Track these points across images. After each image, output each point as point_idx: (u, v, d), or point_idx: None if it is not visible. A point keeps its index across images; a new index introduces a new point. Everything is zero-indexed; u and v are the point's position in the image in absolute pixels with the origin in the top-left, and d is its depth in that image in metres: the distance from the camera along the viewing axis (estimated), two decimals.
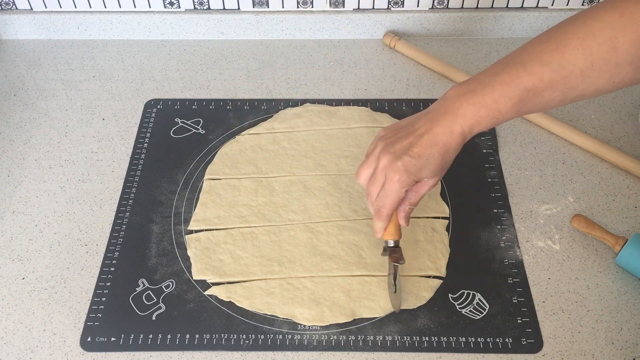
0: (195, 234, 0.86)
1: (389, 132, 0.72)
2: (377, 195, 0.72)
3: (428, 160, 0.68)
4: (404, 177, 0.68)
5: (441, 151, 0.68)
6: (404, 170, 0.68)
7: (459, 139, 0.68)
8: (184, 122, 1.01)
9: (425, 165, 0.68)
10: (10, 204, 0.91)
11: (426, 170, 0.69)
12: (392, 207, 0.71)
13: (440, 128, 0.68)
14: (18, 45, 1.15)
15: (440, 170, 0.70)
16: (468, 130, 0.68)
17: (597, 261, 0.83)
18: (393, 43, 1.12)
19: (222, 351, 0.76)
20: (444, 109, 0.69)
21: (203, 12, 1.13)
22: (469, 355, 0.75)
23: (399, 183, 0.69)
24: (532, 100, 0.66)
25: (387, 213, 0.72)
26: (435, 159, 0.68)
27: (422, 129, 0.69)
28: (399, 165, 0.68)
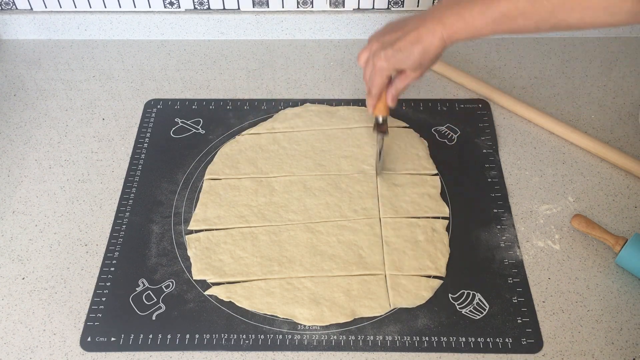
0: (195, 234, 0.86)
1: (387, 27, 0.82)
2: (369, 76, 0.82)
3: (407, 55, 0.77)
4: (384, 64, 0.79)
5: (421, 49, 0.76)
6: (385, 59, 0.78)
7: (439, 42, 0.75)
8: (184, 122, 1.01)
9: (405, 58, 0.77)
10: (10, 204, 0.91)
11: (405, 63, 0.78)
12: (378, 87, 0.82)
13: (424, 29, 0.76)
14: (18, 45, 1.15)
15: (418, 65, 0.78)
16: (447, 37, 0.75)
17: (597, 261, 0.83)
18: None
19: (222, 351, 0.76)
20: (432, 15, 0.76)
21: (203, 12, 1.13)
22: (469, 355, 0.75)
23: (381, 69, 0.79)
24: (507, 23, 0.72)
25: (375, 92, 0.83)
26: (413, 55, 0.76)
27: (410, 27, 0.77)
28: (382, 54, 0.78)
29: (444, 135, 0.98)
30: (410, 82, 0.82)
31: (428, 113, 1.01)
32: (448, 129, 0.99)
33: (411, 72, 0.80)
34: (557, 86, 1.06)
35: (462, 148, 0.96)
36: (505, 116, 1.01)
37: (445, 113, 1.01)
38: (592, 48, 1.12)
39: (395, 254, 0.83)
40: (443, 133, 0.98)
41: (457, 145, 0.97)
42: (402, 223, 0.86)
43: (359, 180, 0.91)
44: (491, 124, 0.99)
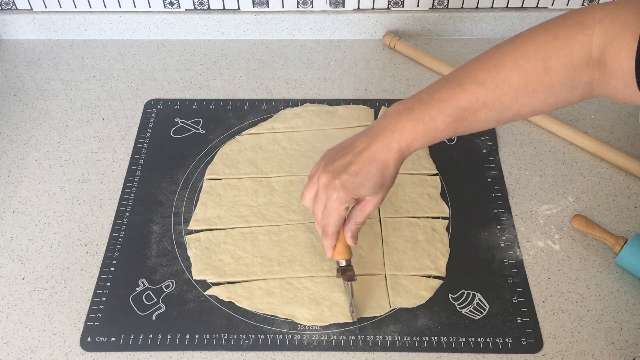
0: (195, 234, 0.86)
1: (331, 152, 0.73)
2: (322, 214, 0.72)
3: (366, 177, 0.68)
4: (342, 194, 0.69)
5: (379, 168, 0.68)
6: (341, 188, 0.68)
7: (397, 155, 0.68)
8: (184, 122, 1.01)
9: (363, 183, 0.68)
10: (10, 204, 0.91)
11: (365, 188, 0.69)
12: (335, 226, 0.71)
13: (378, 144, 0.68)
14: (18, 45, 1.15)
15: (379, 187, 0.69)
16: (406, 147, 0.68)
17: (597, 261, 0.83)
18: (393, 43, 1.12)
19: (222, 351, 0.76)
20: (383, 126, 0.69)
21: (203, 12, 1.13)
22: (469, 355, 0.75)
23: (337, 201, 0.69)
24: (469, 118, 0.67)
25: (332, 231, 0.72)
26: (373, 176, 0.68)
27: (360, 146, 0.69)
28: (336, 183, 0.68)
29: None
30: (371, 210, 0.72)
31: None
32: None
33: (372, 199, 0.71)
34: None
35: (462, 148, 0.96)
36: None
37: None
38: None
39: (395, 253, 0.83)
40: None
41: (457, 145, 0.97)
42: (402, 223, 0.86)
43: None
44: None
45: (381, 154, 0.68)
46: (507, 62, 0.65)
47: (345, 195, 0.69)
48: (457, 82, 0.67)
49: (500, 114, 0.67)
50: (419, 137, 0.67)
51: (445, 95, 0.67)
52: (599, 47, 0.61)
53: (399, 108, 0.69)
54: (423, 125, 0.67)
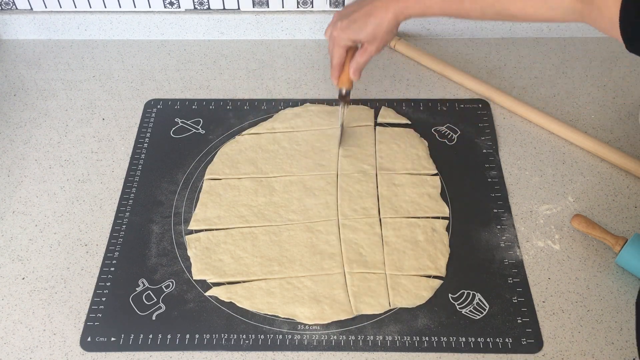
0: (195, 234, 0.86)
1: (348, 5, 0.87)
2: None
3: (361, 26, 0.83)
4: (342, 34, 0.85)
5: (374, 22, 0.82)
6: (341, 29, 0.85)
7: (391, 16, 0.81)
8: (184, 122, 1.01)
9: (359, 29, 0.83)
10: (10, 204, 0.91)
11: (360, 34, 0.84)
12: (337, 57, 0.87)
13: (379, 3, 0.82)
14: (18, 45, 1.15)
15: (372, 37, 0.83)
16: (399, 12, 0.81)
17: (597, 261, 0.83)
18: (393, 43, 1.12)
19: (222, 351, 0.76)
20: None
21: (203, 12, 1.13)
22: (469, 355, 0.75)
23: (337, 38, 0.86)
24: (454, 4, 0.78)
25: (335, 63, 0.88)
26: (367, 26, 0.83)
27: (366, 2, 0.83)
28: (338, 24, 0.85)
29: (444, 135, 0.98)
30: (369, 56, 0.86)
31: (428, 113, 1.01)
32: (448, 129, 0.99)
33: (369, 46, 0.85)
34: (557, 86, 1.06)
35: (462, 148, 0.96)
36: (505, 116, 1.01)
37: (445, 113, 1.01)
38: (592, 48, 1.12)
39: (395, 253, 0.83)
40: (443, 133, 0.98)
41: (457, 145, 0.97)
42: (402, 223, 0.86)
43: (359, 179, 0.91)
44: (491, 124, 0.99)
45: (379, 11, 0.82)
46: None
47: (344, 35, 0.85)
48: None
49: (484, 10, 0.77)
50: (410, 7, 0.80)
51: None
52: None
53: None
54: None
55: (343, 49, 0.87)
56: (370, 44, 0.85)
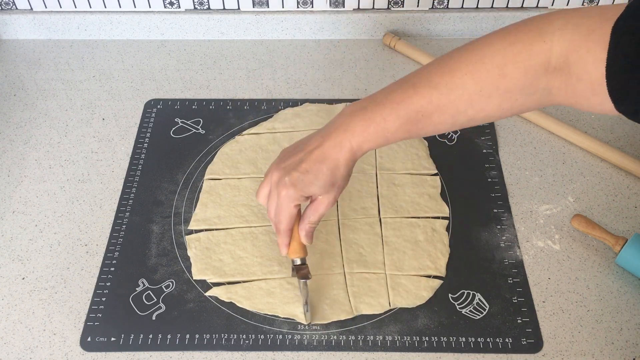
0: (195, 234, 0.86)
1: (286, 150, 0.73)
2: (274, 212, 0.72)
3: (317, 176, 0.68)
4: (291, 192, 0.69)
5: (330, 166, 0.68)
6: (290, 185, 0.69)
7: (348, 154, 0.68)
8: (184, 122, 1.01)
9: (313, 181, 0.68)
10: (10, 204, 0.91)
11: (315, 186, 0.69)
12: (286, 223, 0.72)
13: (330, 143, 0.68)
14: (18, 45, 1.15)
15: (330, 186, 0.69)
16: (357, 147, 0.68)
17: (597, 261, 0.83)
18: (393, 43, 1.12)
19: (222, 351, 0.76)
20: (336, 125, 0.69)
21: (203, 12, 1.13)
22: (469, 355, 0.75)
23: (287, 198, 0.69)
24: (422, 121, 0.66)
25: (284, 229, 0.72)
26: (323, 175, 0.68)
27: (313, 145, 0.69)
28: (286, 180, 0.69)
29: (444, 135, 0.98)
30: (324, 210, 0.71)
31: None
32: None
33: (324, 198, 0.70)
34: None
35: (462, 148, 0.96)
36: None
37: None
38: None
39: (395, 253, 0.83)
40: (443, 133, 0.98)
41: (457, 145, 0.97)
42: (402, 223, 0.86)
43: (359, 179, 0.91)
44: (491, 124, 0.99)
45: (332, 152, 0.68)
46: (463, 67, 0.64)
47: (294, 193, 0.69)
48: (412, 84, 0.67)
49: (455, 118, 0.66)
50: (369, 138, 0.67)
51: (399, 97, 0.66)
52: (560, 54, 0.60)
53: (353, 108, 0.69)
54: (374, 126, 0.67)
55: (295, 210, 0.71)
56: (326, 196, 0.70)
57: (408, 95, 0.66)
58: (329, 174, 0.68)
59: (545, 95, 0.64)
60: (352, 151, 0.68)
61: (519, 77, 0.62)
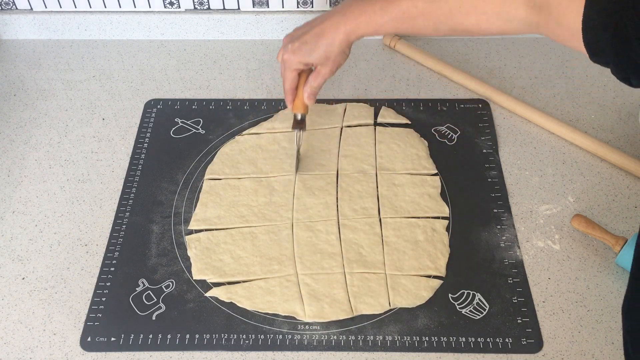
0: (196, 234, 0.86)
1: (298, 27, 0.85)
2: None
3: (313, 47, 0.80)
4: (292, 56, 0.82)
5: (325, 42, 0.79)
6: (292, 52, 0.81)
7: (342, 36, 0.79)
8: (184, 122, 1.01)
9: (310, 51, 0.80)
10: (10, 204, 0.91)
11: (312, 56, 0.81)
12: (289, 82, 0.85)
13: (329, 23, 0.79)
14: (18, 45, 1.15)
15: (325, 58, 0.81)
16: (351, 31, 0.78)
17: (597, 261, 0.83)
18: (393, 43, 1.12)
19: (222, 351, 0.76)
20: (338, 9, 0.80)
21: (203, 12, 1.13)
22: (469, 355, 0.75)
23: (288, 62, 0.83)
24: (407, 22, 0.76)
25: (287, 87, 0.85)
26: (319, 47, 0.80)
27: (317, 22, 0.81)
28: (289, 47, 0.82)
29: (444, 135, 0.98)
30: (323, 79, 0.84)
31: (428, 113, 1.01)
32: (448, 129, 0.99)
33: (322, 68, 0.83)
34: (557, 86, 1.06)
35: (462, 148, 0.96)
36: (505, 116, 1.01)
37: (445, 113, 1.01)
38: None
39: (395, 253, 0.83)
40: (443, 133, 0.98)
41: (457, 145, 0.97)
42: (402, 223, 0.86)
43: (359, 179, 0.91)
44: (491, 124, 0.99)
45: (329, 31, 0.79)
46: None
47: (295, 58, 0.82)
48: None
49: (437, 26, 0.75)
50: (361, 26, 0.78)
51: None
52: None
53: None
54: (366, 17, 0.77)
55: (295, 73, 0.84)
56: (323, 66, 0.82)
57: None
58: (324, 48, 0.80)
59: (526, 26, 0.69)
60: (346, 34, 0.79)
61: (498, 3, 0.69)
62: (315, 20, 0.82)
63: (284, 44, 0.84)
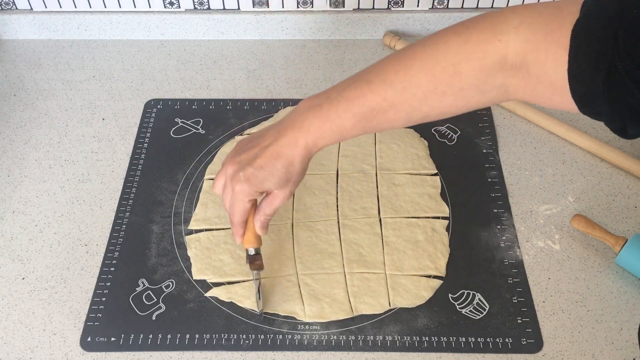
0: (195, 234, 0.86)
1: (242, 143, 0.73)
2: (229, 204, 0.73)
3: (271, 172, 0.68)
4: (245, 187, 0.69)
5: (284, 163, 0.68)
6: (245, 181, 0.69)
7: (303, 151, 0.68)
8: (184, 122, 1.01)
9: (267, 177, 0.68)
10: (10, 204, 0.91)
11: (269, 182, 0.69)
12: (240, 215, 0.72)
13: (285, 139, 0.68)
14: (18, 45, 1.15)
15: (284, 182, 0.69)
16: (312, 144, 0.68)
17: (597, 261, 0.83)
18: (393, 43, 1.12)
19: (222, 351, 0.76)
20: (292, 122, 0.68)
21: (203, 12, 1.13)
22: (469, 355, 0.75)
23: (241, 193, 0.70)
24: (377, 118, 0.66)
25: (237, 221, 0.73)
26: (278, 171, 0.68)
27: (268, 140, 0.69)
28: (240, 175, 0.69)
29: (444, 135, 0.98)
30: (279, 204, 0.72)
31: None
32: (448, 129, 0.99)
33: (279, 192, 0.71)
34: None
35: (462, 148, 0.96)
36: (505, 116, 1.01)
37: None
38: None
39: (395, 253, 0.83)
40: (443, 133, 0.98)
41: (457, 145, 0.97)
42: (402, 223, 0.86)
43: (359, 179, 0.91)
44: (491, 124, 0.99)
45: (287, 149, 0.68)
46: (417, 64, 0.64)
47: (248, 188, 0.69)
48: (366, 81, 0.66)
49: (410, 115, 0.66)
50: (325, 135, 0.67)
51: (354, 94, 0.66)
52: (516, 53, 0.60)
53: (308, 104, 0.68)
54: (329, 124, 0.66)
55: (249, 204, 0.72)
56: (281, 190, 0.71)
57: (363, 92, 0.66)
58: (284, 171, 0.68)
59: (503, 93, 0.63)
60: (307, 148, 0.68)
61: (474, 76, 0.62)
62: (265, 137, 0.70)
63: (228, 171, 0.70)
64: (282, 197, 0.71)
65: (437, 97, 0.64)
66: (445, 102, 0.65)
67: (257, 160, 0.68)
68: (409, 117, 0.66)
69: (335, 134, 0.67)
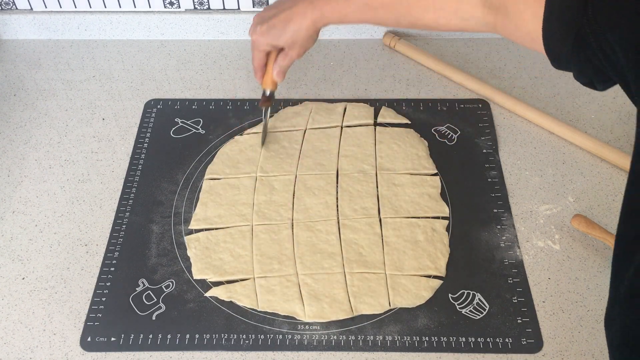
0: (195, 234, 0.86)
1: (269, 6, 0.86)
2: None
3: (281, 32, 0.82)
4: (260, 38, 0.84)
5: (293, 28, 0.82)
6: (260, 34, 0.84)
7: (310, 23, 0.81)
8: (184, 122, 1.01)
9: (278, 35, 0.83)
10: (10, 204, 0.91)
11: (280, 39, 0.83)
12: (257, 61, 0.88)
13: (296, 9, 0.81)
14: (18, 45, 1.15)
15: (292, 42, 0.83)
16: (318, 19, 0.81)
17: (597, 261, 0.83)
18: (393, 43, 1.12)
19: (222, 351, 0.76)
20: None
21: (203, 12, 1.13)
22: (469, 355, 0.75)
23: (257, 42, 0.86)
24: (370, 13, 0.78)
25: (255, 66, 0.89)
26: (287, 32, 0.82)
27: (285, 6, 0.83)
28: (257, 29, 0.84)
29: (444, 135, 0.98)
30: (290, 60, 0.86)
31: (428, 113, 1.01)
32: (448, 129, 0.99)
33: (289, 51, 0.85)
34: (557, 86, 1.06)
35: (462, 148, 0.96)
36: (505, 116, 1.01)
37: (445, 113, 1.01)
38: None
39: (395, 253, 0.83)
40: (443, 133, 0.98)
41: (457, 145, 0.97)
42: (402, 223, 0.86)
43: (359, 179, 0.91)
44: (491, 124, 0.99)
45: (296, 18, 0.81)
46: None
47: (263, 40, 0.84)
48: None
49: (398, 19, 0.78)
50: (328, 15, 0.80)
51: None
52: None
53: None
54: (332, 6, 0.80)
55: (263, 53, 0.87)
56: (290, 49, 0.85)
57: None
58: (292, 33, 0.82)
59: (483, 25, 0.71)
60: (313, 20, 0.81)
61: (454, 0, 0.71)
62: (285, 4, 0.83)
63: (254, 23, 0.85)
64: (292, 55, 0.86)
65: (419, 10, 0.75)
66: (427, 17, 0.75)
67: (272, 20, 0.83)
68: (397, 20, 0.78)
69: (336, 16, 0.80)
